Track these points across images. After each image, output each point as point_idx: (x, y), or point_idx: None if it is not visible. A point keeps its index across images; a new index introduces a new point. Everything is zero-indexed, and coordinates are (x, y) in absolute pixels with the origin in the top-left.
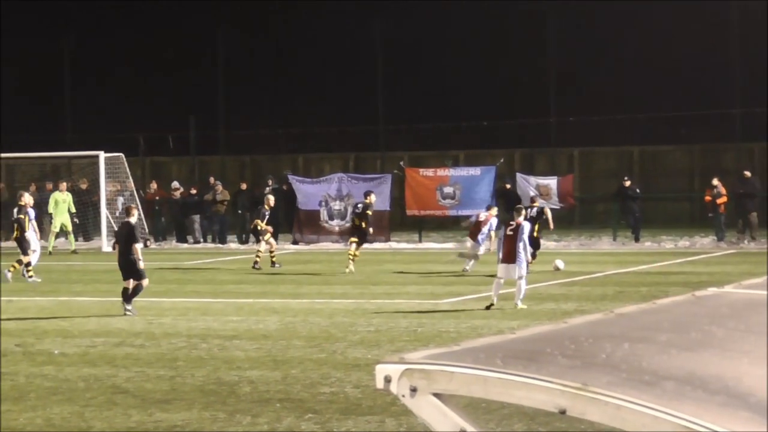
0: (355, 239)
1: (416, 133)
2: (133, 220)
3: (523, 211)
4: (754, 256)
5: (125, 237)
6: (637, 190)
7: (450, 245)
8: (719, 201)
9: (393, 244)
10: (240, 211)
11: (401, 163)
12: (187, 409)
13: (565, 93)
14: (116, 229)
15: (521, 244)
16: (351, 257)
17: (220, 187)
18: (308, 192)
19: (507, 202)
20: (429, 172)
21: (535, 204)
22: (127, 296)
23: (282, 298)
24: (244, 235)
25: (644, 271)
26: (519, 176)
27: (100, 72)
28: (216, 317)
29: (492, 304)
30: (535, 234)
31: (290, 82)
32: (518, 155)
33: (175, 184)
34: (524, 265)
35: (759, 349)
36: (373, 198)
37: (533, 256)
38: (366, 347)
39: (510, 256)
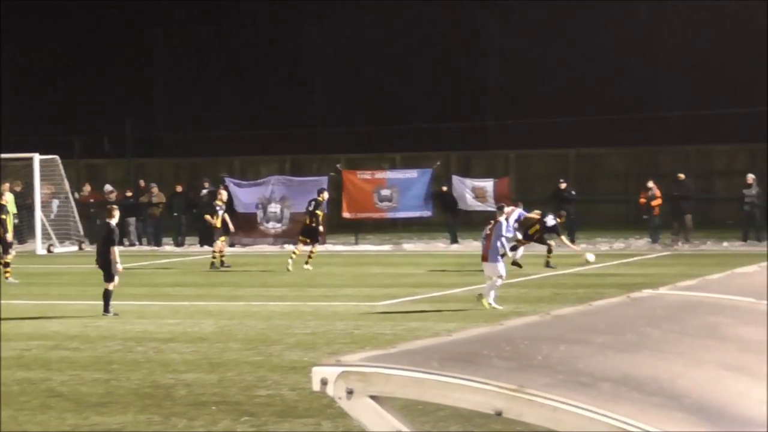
0: (305, 238)
1: (353, 135)
2: (113, 221)
3: (506, 210)
4: (689, 257)
5: (103, 238)
6: (573, 192)
7: (387, 247)
8: (654, 203)
9: (330, 247)
10: (176, 214)
11: (338, 165)
12: (123, 412)
13: (501, 96)
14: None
15: (498, 243)
16: (293, 256)
17: (155, 190)
18: (245, 195)
19: (444, 204)
20: (366, 174)
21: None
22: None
23: (218, 301)
24: (179, 238)
25: (580, 272)
26: (455, 179)
27: (35, 74)
28: (152, 320)
29: (489, 304)
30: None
31: (227, 84)
32: (454, 158)
33: (108, 187)
34: (502, 265)
35: (693, 351)
36: (325, 195)
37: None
38: (302, 350)
39: (488, 254)
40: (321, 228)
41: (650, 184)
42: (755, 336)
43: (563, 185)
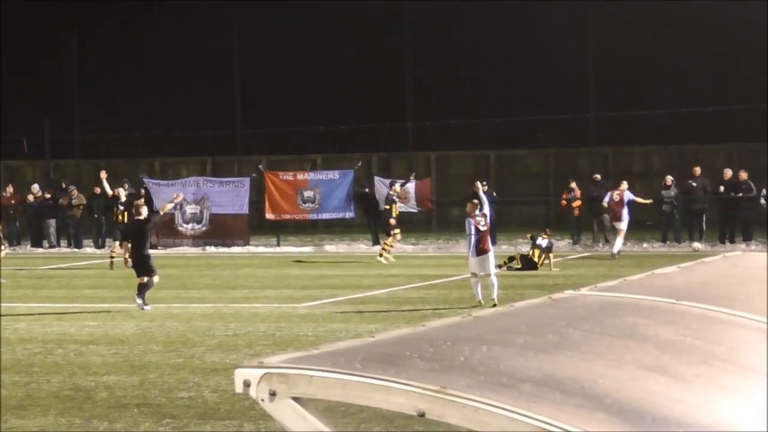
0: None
1: (274, 136)
2: (142, 217)
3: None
4: (609, 258)
5: (139, 234)
6: (494, 194)
7: (309, 249)
8: (574, 204)
9: (251, 248)
10: (96, 215)
11: (260, 166)
12: (43, 415)
13: (422, 97)
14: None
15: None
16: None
17: (75, 191)
18: (164, 195)
19: (366, 205)
20: (288, 176)
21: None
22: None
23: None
24: (100, 240)
25: (501, 274)
26: (377, 180)
27: None
28: (72, 322)
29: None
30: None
31: (147, 84)
32: (375, 159)
33: (35, 187)
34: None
35: (614, 351)
36: (397, 188)
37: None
38: (224, 351)
39: (484, 249)
40: (392, 221)
41: (572, 185)
42: (674, 336)
43: (484, 187)
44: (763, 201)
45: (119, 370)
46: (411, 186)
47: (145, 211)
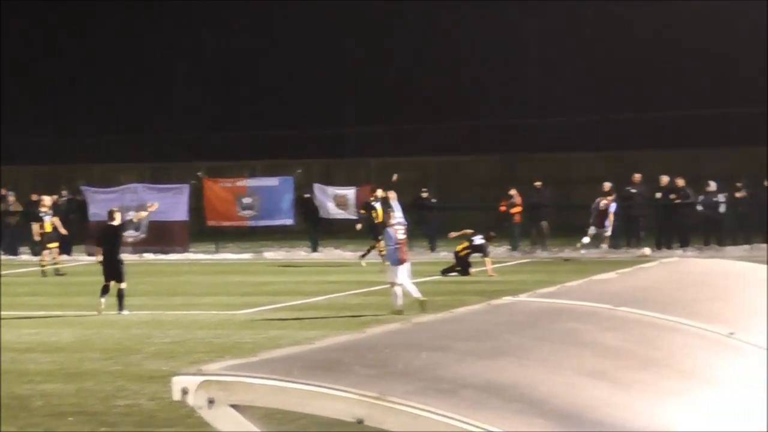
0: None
1: (215, 143)
2: (115, 223)
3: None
4: (548, 264)
5: (111, 240)
6: (434, 200)
7: (248, 256)
8: (513, 211)
9: (190, 255)
10: (32, 223)
11: (199, 173)
12: None
13: (364, 103)
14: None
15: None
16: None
17: (12, 198)
18: (100, 202)
19: (306, 212)
20: (227, 182)
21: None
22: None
23: (77, 311)
24: (36, 247)
25: (440, 280)
26: (316, 186)
27: None
28: (8, 330)
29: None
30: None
31: (85, 90)
32: (316, 165)
33: None
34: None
35: (554, 357)
36: (378, 193)
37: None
38: (162, 359)
39: (403, 259)
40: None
41: (512, 192)
42: (613, 342)
43: (424, 194)
44: (700, 207)
45: (56, 378)
46: (351, 193)
47: (118, 217)
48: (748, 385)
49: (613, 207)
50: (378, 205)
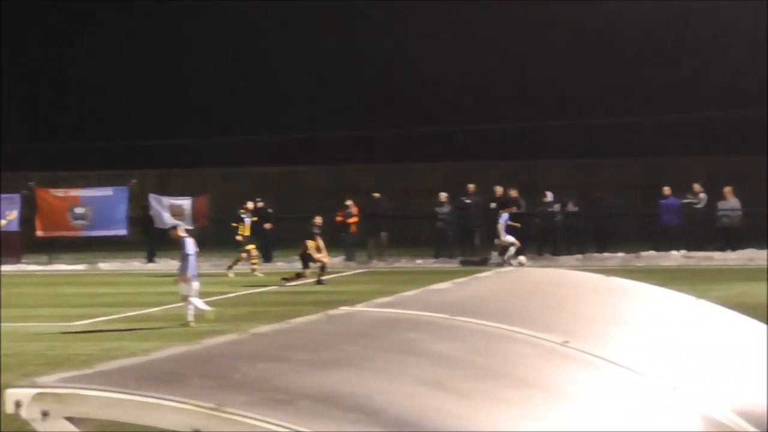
0: None
1: (47, 152)
2: None
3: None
4: (385, 275)
5: None
6: (270, 210)
7: (82, 267)
8: (350, 221)
9: (23, 267)
10: None
11: (31, 183)
12: None
13: (199, 113)
14: None
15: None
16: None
17: None
18: None
19: (140, 222)
20: (59, 192)
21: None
22: None
23: None
24: None
25: (276, 291)
26: (151, 197)
27: None
28: None
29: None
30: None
31: None
32: (153, 176)
33: None
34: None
35: (391, 366)
36: (249, 205)
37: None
38: None
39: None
40: (238, 237)
41: (348, 202)
42: (450, 351)
43: (260, 203)
44: (536, 219)
45: None
46: (187, 203)
47: None
48: (582, 393)
49: (503, 218)
50: (247, 218)
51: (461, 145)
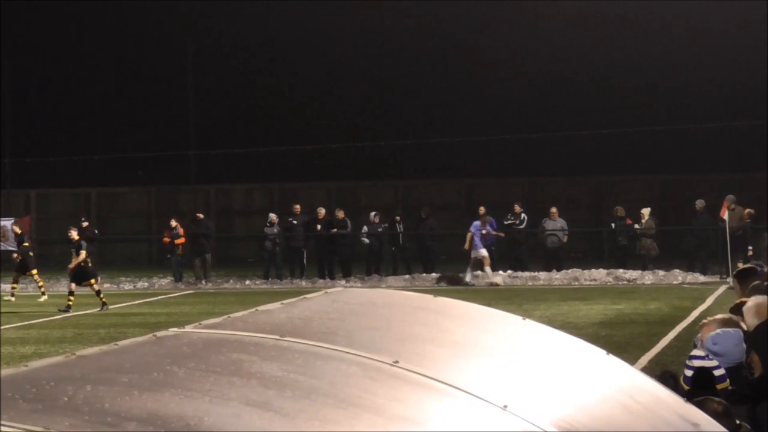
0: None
1: None
2: None
3: None
4: (211, 296)
5: None
6: (96, 231)
7: None
8: (177, 241)
9: None
10: None
11: None
12: None
13: (22, 133)
14: None
15: None
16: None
17: None
18: None
19: None
20: None
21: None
22: None
23: None
24: None
25: (101, 313)
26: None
27: None
28: None
29: None
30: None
31: None
32: None
33: None
34: None
35: (219, 388)
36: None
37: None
38: None
39: None
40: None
41: (173, 223)
42: (278, 372)
43: (85, 224)
44: (365, 239)
45: None
46: (8, 224)
47: None
48: (410, 413)
49: (474, 227)
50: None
51: (285, 166)
